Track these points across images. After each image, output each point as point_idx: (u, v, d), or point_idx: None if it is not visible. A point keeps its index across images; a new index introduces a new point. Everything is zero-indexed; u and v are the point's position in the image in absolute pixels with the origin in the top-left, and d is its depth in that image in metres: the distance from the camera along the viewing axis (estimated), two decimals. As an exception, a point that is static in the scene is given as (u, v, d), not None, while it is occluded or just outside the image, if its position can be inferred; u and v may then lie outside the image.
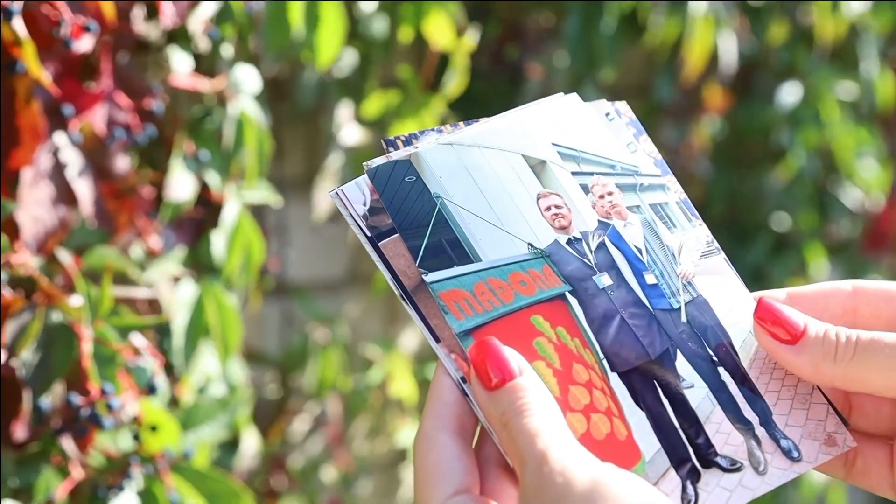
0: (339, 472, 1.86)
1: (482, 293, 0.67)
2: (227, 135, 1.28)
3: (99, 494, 1.07)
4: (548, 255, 0.69)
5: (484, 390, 0.63)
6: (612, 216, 0.72)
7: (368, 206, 0.68)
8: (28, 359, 1.04)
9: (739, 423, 0.68)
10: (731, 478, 0.66)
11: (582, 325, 0.68)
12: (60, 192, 1.10)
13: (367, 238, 0.68)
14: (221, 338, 1.28)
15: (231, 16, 1.29)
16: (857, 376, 0.64)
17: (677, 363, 0.68)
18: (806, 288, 0.71)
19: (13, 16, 1.00)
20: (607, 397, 0.66)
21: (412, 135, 0.71)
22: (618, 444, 0.65)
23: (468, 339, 0.65)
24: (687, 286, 0.71)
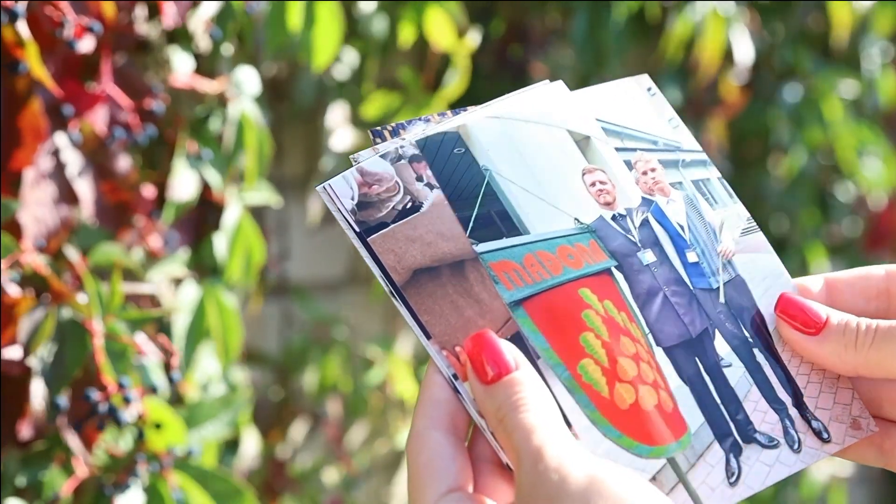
0: (339, 472, 1.85)
1: (531, 265, 0.68)
2: (228, 136, 1.28)
3: (105, 492, 1.07)
4: (594, 230, 0.70)
5: (480, 384, 0.63)
6: (655, 193, 0.73)
7: (357, 201, 0.67)
8: (43, 356, 1.04)
9: (774, 403, 0.70)
10: (769, 454, 0.68)
11: (628, 299, 0.69)
12: (62, 192, 1.10)
13: (356, 233, 0.67)
14: (222, 341, 1.27)
15: (232, 16, 1.28)
16: (878, 362, 0.66)
17: (716, 342, 0.70)
18: (842, 273, 0.73)
19: (18, 17, 1.00)
20: (653, 370, 0.68)
21: (399, 125, 0.71)
22: (665, 416, 0.67)
23: (519, 310, 0.66)
24: (726, 265, 0.73)
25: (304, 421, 1.84)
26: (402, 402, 1.94)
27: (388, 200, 0.68)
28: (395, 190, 0.68)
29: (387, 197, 0.68)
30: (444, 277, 0.67)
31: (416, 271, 0.67)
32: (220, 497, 1.11)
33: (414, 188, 0.68)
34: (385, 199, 0.68)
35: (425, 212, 0.68)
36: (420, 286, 0.66)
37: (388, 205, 0.68)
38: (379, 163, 0.68)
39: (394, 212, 0.67)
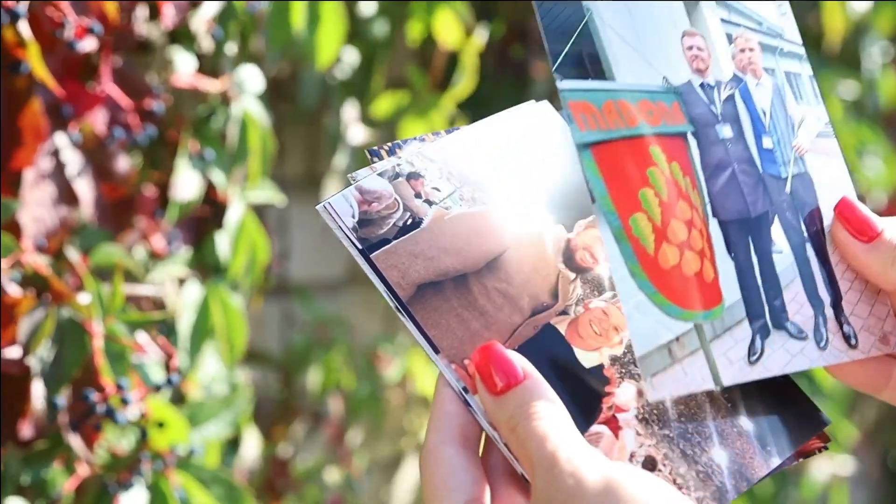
0: (341, 472, 1.85)
1: (609, 112, 0.67)
2: (231, 135, 1.28)
3: (109, 490, 1.07)
4: (679, 93, 0.70)
5: (490, 396, 0.63)
6: (747, 72, 0.73)
7: (358, 218, 0.68)
8: (42, 356, 1.05)
9: (812, 299, 0.71)
10: (795, 344, 0.69)
11: (696, 167, 0.69)
12: (61, 192, 1.10)
13: (359, 251, 0.67)
14: (227, 339, 1.27)
15: (234, 15, 1.28)
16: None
17: (772, 228, 0.71)
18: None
19: (20, 18, 1.00)
20: (703, 240, 0.68)
21: (395, 144, 0.71)
22: (703, 285, 0.67)
23: (586, 152, 0.65)
24: (798, 160, 0.73)
25: (305, 421, 1.84)
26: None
27: (388, 217, 0.68)
28: (395, 207, 0.68)
29: (387, 214, 0.68)
30: (448, 291, 0.67)
31: (420, 286, 0.67)
32: (221, 498, 1.11)
33: (413, 205, 0.69)
34: (385, 216, 0.68)
35: (426, 227, 0.68)
36: (425, 301, 0.67)
37: (389, 222, 0.68)
38: (377, 181, 0.69)
39: (394, 228, 0.68)
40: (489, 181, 0.71)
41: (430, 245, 0.68)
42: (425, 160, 0.70)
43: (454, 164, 0.71)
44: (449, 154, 0.71)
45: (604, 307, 0.70)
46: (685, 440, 0.67)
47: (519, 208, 0.71)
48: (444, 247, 0.68)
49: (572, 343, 0.68)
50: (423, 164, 0.70)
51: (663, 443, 0.67)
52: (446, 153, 0.71)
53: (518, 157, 0.72)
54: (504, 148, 0.72)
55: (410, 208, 0.69)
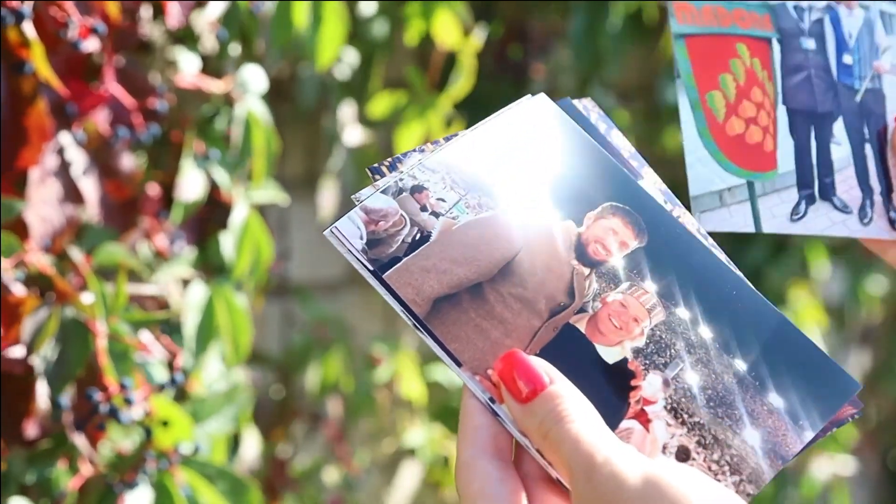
0: (340, 472, 1.85)
1: (706, 12, 0.78)
2: (235, 135, 1.28)
3: (114, 490, 1.07)
4: (772, 7, 0.81)
5: (517, 404, 0.63)
6: (841, 3, 0.82)
7: (366, 240, 0.67)
8: (46, 356, 1.05)
9: (863, 185, 0.80)
10: (838, 214, 0.79)
11: (774, 65, 0.80)
12: (67, 190, 1.10)
13: (371, 272, 0.67)
14: (232, 339, 1.27)
15: (238, 16, 1.28)
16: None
17: (835, 125, 0.81)
18: None
19: (24, 18, 1.00)
20: (770, 120, 0.79)
21: (395, 158, 0.71)
22: (762, 153, 0.78)
23: (680, 41, 0.77)
24: (875, 77, 0.82)
25: (304, 421, 1.84)
26: (409, 402, 1.94)
27: (396, 235, 0.68)
28: (402, 223, 0.68)
29: (395, 231, 0.68)
30: (465, 303, 0.67)
31: (436, 301, 0.67)
32: (226, 493, 1.11)
33: (420, 219, 0.69)
34: (393, 234, 0.68)
35: (435, 240, 0.68)
36: (443, 315, 0.66)
37: (398, 239, 0.68)
38: (381, 199, 0.69)
39: (404, 245, 0.68)
40: (493, 184, 0.71)
41: (442, 258, 0.68)
42: (427, 171, 0.70)
43: (457, 172, 0.70)
44: (450, 162, 0.71)
45: (621, 299, 0.70)
46: (716, 425, 0.67)
47: (526, 208, 0.71)
48: (455, 258, 0.68)
49: (593, 340, 0.68)
50: (426, 175, 0.70)
51: (694, 430, 0.67)
52: (448, 162, 0.71)
53: (519, 155, 0.72)
54: (504, 148, 0.72)
55: (418, 223, 0.68)
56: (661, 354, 0.69)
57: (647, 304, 0.70)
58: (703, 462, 0.66)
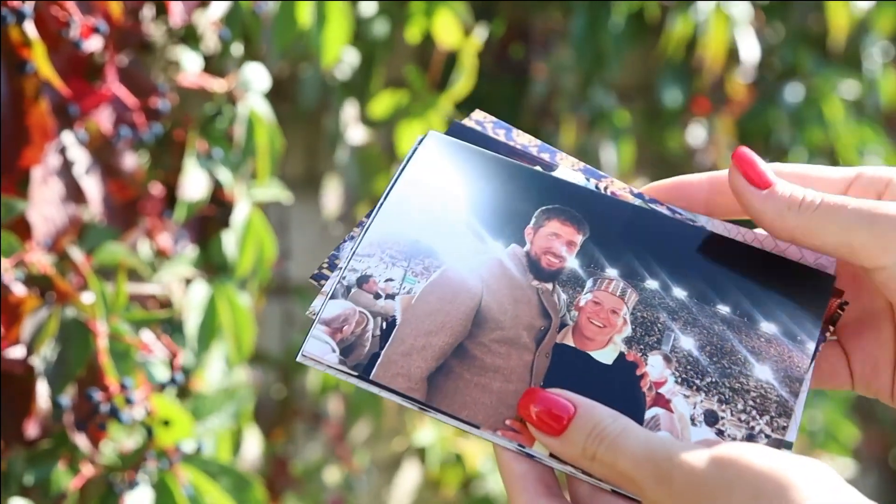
0: (341, 472, 1.85)
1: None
2: (238, 133, 1.28)
3: (115, 490, 1.07)
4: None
5: (551, 438, 0.63)
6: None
7: (339, 351, 0.66)
8: (46, 356, 1.05)
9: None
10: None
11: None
12: (69, 190, 1.10)
13: (357, 377, 0.66)
14: (235, 339, 1.27)
15: (240, 16, 1.28)
16: (816, 229, 0.67)
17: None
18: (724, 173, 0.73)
19: (25, 18, 1.00)
20: None
21: (332, 256, 0.70)
22: None
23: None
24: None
25: (305, 420, 1.85)
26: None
27: (364, 333, 0.67)
28: (364, 320, 0.67)
29: (361, 331, 0.67)
30: (456, 368, 0.66)
31: (428, 378, 0.66)
32: (229, 489, 1.11)
33: (378, 308, 0.67)
34: (361, 334, 0.67)
35: (402, 322, 0.67)
36: (441, 389, 0.66)
37: (367, 336, 0.67)
38: (335, 305, 0.67)
39: (375, 339, 0.67)
40: (428, 242, 0.70)
41: (416, 335, 0.67)
42: (364, 258, 0.69)
43: (390, 246, 0.69)
44: (380, 239, 0.70)
45: (592, 298, 0.69)
46: (727, 377, 0.68)
47: (467, 250, 0.70)
48: (428, 329, 0.67)
49: (586, 349, 0.68)
50: (364, 263, 0.69)
51: (711, 391, 0.67)
52: (377, 240, 0.70)
53: (438, 203, 0.71)
54: (422, 202, 0.71)
55: (378, 312, 0.67)
56: (651, 333, 0.69)
57: (618, 292, 0.70)
58: (732, 416, 0.67)
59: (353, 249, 0.69)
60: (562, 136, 2.01)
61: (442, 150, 0.73)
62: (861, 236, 0.66)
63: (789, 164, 0.72)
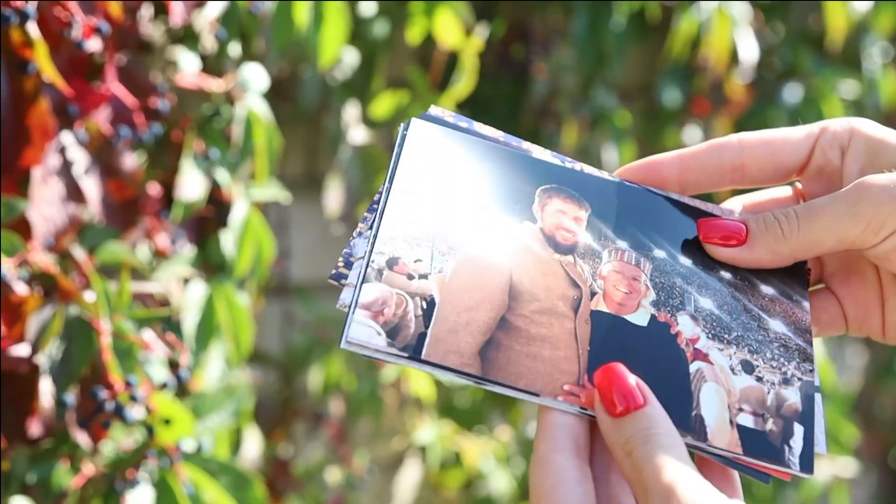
0: (342, 472, 1.86)
1: None
2: (237, 133, 1.28)
3: (116, 488, 1.07)
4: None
5: (608, 417, 0.63)
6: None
7: (385, 332, 0.65)
8: (51, 354, 1.05)
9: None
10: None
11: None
12: (69, 189, 1.10)
13: (409, 359, 0.65)
14: (234, 338, 1.28)
15: (237, 16, 1.29)
16: (811, 243, 0.70)
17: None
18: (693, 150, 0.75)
19: (29, 18, 1.00)
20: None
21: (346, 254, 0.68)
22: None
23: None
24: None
25: (306, 420, 1.85)
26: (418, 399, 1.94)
27: (406, 314, 0.66)
28: (403, 301, 0.66)
29: (402, 312, 0.66)
30: (504, 341, 0.66)
31: (480, 353, 0.66)
32: (230, 488, 1.11)
33: (414, 288, 0.67)
34: (403, 315, 0.66)
35: (441, 300, 0.67)
36: (494, 362, 0.66)
37: (409, 317, 0.66)
38: (370, 288, 0.66)
39: (419, 319, 0.66)
40: (445, 224, 0.69)
41: (458, 312, 0.66)
42: (388, 242, 0.68)
43: (410, 229, 0.68)
44: (398, 224, 0.68)
45: (613, 268, 0.71)
46: (749, 330, 0.70)
47: (486, 228, 0.70)
48: (468, 305, 0.67)
49: (620, 314, 0.69)
50: (389, 246, 0.68)
51: (741, 343, 0.70)
52: (396, 225, 0.69)
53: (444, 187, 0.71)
54: (427, 187, 0.70)
55: (415, 292, 0.66)
56: (673, 297, 0.71)
57: (633, 261, 0.71)
58: (765, 365, 0.69)
59: (374, 234, 0.68)
60: (563, 137, 2.01)
61: (430, 136, 0.72)
62: (851, 230, 0.68)
63: (755, 132, 0.74)
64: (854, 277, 0.75)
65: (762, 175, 0.75)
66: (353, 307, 0.65)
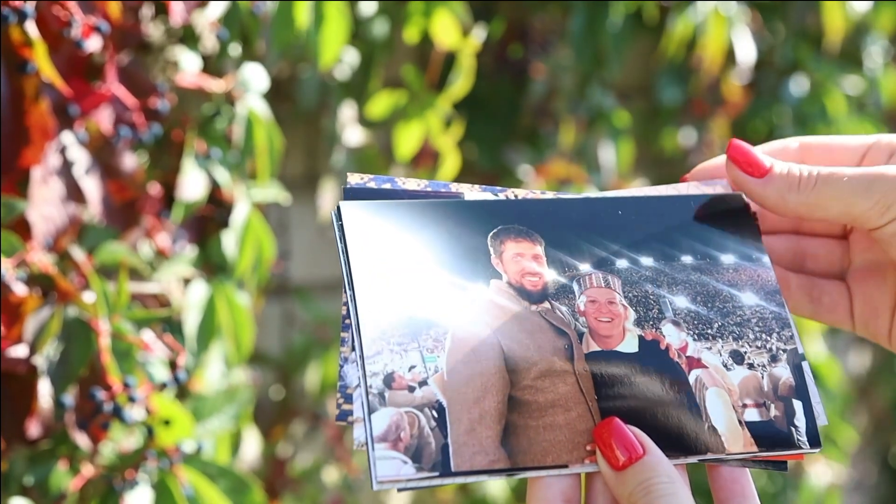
0: (340, 472, 1.85)
1: None
2: (237, 134, 1.28)
3: (115, 489, 1.07)
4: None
5: (611, 470, 0.64)
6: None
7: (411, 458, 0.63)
8: (49, 355, 1.05)
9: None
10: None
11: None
12: (69, 189, 1.10)
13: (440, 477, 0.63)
14: (234, 338, 1.27)
15: (238, 16, 1.28)
16: (817, 204, 0.72)
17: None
18: (761, 147, 0.78)
19: (27, 18, 1.00)
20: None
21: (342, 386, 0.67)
22: None
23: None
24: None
25: (304, 421, 1.84)
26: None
27: (422, 431, 0.64)
28: (415, 419, 0.64)
29: (418, 431, 0.64)
30: (518, 421, 0.65)
31: (502, 444, 0.65)
32: (228, 491, 1.11)
33: (420, 400, 0.65)
34: (421, 434, 0.64)
35: (447, 401, 0.65)
36: (517, 449, 0.65)
37: (426, 433, 0.64)
38: (379, 417, 0.64)
39: (436, 431, 0.64)
40: (420, 314, 0.67)
41: (468, 409, 0.65)
42: (376, 359, 0.65)
43: (391, 335, 0.66)
44: (378, 334, 0.66)
45: (588, 298, 0.70)
46: (726, 317, 0.71)
47: (458, 304, 0.68)
48: (475, 398, 0.65)
49: (610, 347, 0.69)
50: (379, 363, 0.65)
51: (725, 333, 0.71)
52: (376, 335, 0.66)
53: (401, 270, 0.68)
54: (386, 277, 0.68)
55: (422, 404, 0.64)
56: (650, 307, 0.70)
57: (602, 283, 0.71)
58: (751, 349, 0.70)
59: (360, 356, 0.65)
60: (561, 136, 2.01)
61: (365, 219, 0.69)
62: (859, 204, 0.71)
63: (816, 136, 0.77)
64: (874, 279, 0.77)
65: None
66: (370, 444, 0.63)
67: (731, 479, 0.68)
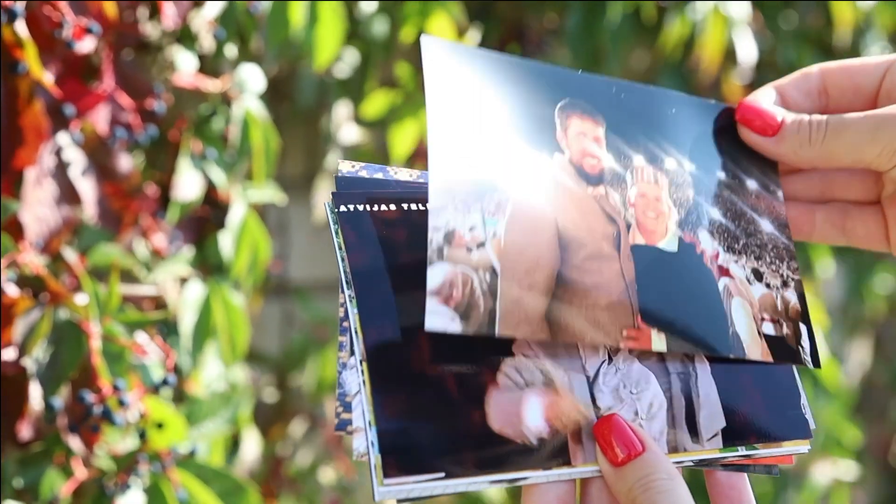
0: (337, 473, 1.85)
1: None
2: (234, 134, 1.28)
3: (107, 493, 1.07)
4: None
5: (611, 466, 0.64)
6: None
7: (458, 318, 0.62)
8: (38, 357, 1.04)
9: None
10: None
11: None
12: (64, 191, 1.10)
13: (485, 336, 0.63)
14: (229, 338, 1.27)
15: (235, 16, 1.28)
16: (830, 153, 0.73)
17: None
18: (786, 78, 0.79)
19: (16, 17, 0.99)
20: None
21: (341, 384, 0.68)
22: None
23: None
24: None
25: (302, 421, 1.84)
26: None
27: (473, 292, 0.63)
28: (468, 279, 0.63)
29: (469, 291, 0.63)
30: (564, 298, 0.65)
31: (546, 317, 0.64)
32: (223, 495, 1.11)
33: (475, 261, 0.63)
34: (471, 293, 0.63)
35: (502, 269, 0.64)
36: (559, 323, 0.65)
37: (477, 294, 0.63)
38: (436, 271, 0.62)
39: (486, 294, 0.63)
40: (486, 176, 0.65)
41: (519, 278, 0.64)
42: (440, 212, 0.63)
43: (457, 191, 0.64)
44: (445, 187, 0.64)
45: (638, 191, 0.71)
46: (749, 236, 0.73)
47: (522, 172, 0.66)
48: (526, 269, 0.64)
49: (653, 243, 0.69)
50: (442, 217, 0.63)
51: (748, 251, 0.73)
52: (443, 188, 0.63)
53: (473, 125, 0.66)
54: (459, 132, 0.65)
55: (477, 265, 0.63)
56: (690, 213, 0.72)
57: (652, 179, 0.71)
58: (769, 270, 0.73)
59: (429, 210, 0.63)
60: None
61: (445, 57, 0.67)
62: (868, 151, 0.72)
63: (836, 61, 0.78)
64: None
65: (843, 98, 0.78)
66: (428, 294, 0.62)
67: (729, 486, 0.68)
